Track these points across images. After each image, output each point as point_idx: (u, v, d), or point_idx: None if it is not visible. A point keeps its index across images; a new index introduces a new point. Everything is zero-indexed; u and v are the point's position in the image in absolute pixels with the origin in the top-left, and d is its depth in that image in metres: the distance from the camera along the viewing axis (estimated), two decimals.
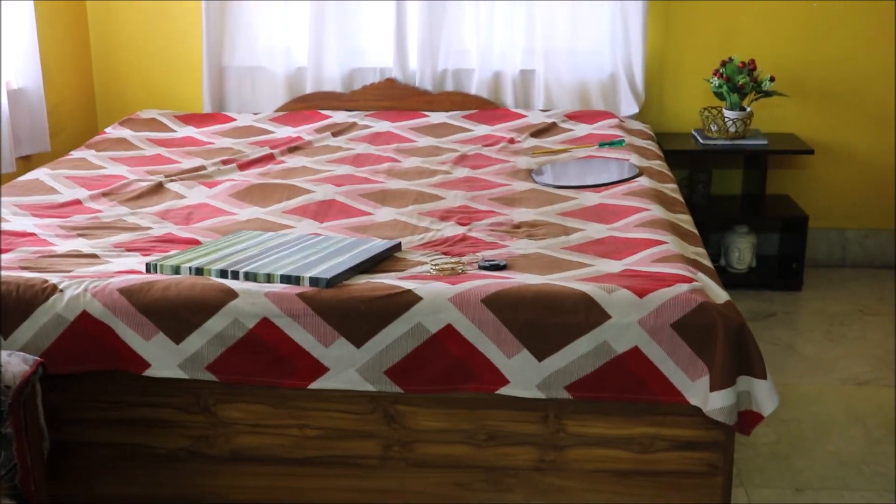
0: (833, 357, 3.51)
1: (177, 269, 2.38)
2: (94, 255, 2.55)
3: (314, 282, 2.27)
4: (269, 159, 3.56)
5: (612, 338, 2.18)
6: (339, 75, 4.32)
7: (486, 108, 4.21)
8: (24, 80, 3.85)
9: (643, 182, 3.13)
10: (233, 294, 2.25)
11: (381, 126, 3.99)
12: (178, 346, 2.25)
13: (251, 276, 2.33)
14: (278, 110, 4.28)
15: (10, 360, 2.03)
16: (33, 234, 2.72)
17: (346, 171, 3.35)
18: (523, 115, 4.08)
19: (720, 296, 2.25)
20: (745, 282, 4.16)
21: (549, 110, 4.17)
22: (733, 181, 4.41)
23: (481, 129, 3.94)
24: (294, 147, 3.71)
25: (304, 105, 4.28)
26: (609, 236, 2.65)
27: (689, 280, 2.27)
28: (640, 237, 2.61)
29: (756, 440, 2.91)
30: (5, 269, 2.41)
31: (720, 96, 4.07)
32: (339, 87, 4.32)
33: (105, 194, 3.10)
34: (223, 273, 2.34)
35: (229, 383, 2.28)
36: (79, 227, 2.79)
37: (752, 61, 4.01)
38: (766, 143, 4.06)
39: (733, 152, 4.08)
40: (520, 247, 2.58)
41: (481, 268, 2.42)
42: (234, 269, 2.34)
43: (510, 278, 2.31)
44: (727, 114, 4.05)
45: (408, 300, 2.22)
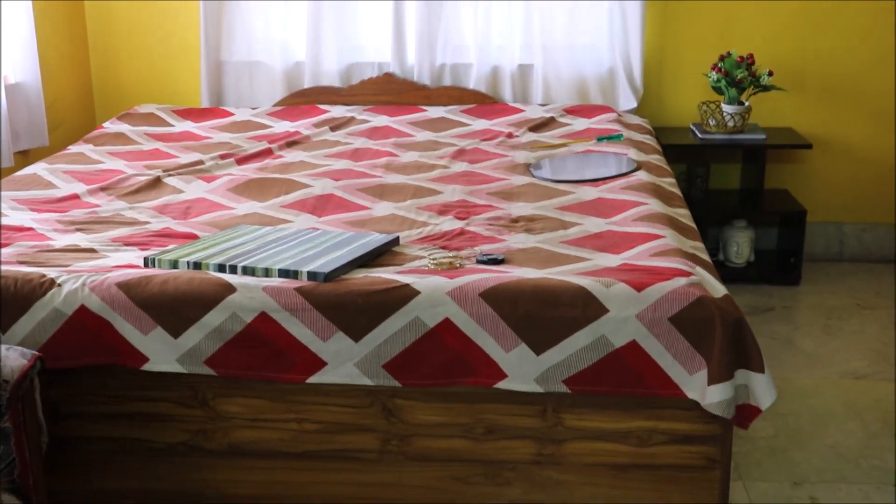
0: (831, 351, 3.51)
1: (175, 264, 2.38)
2: (92, 250, 2.55)
3: (312, 276, 2.28)
4: (267, 154, 3.55)
5: (610, 332, 2.18)
6: (337, 70, 4.32)
7: (484, 102, 4.21)
8: (22, 75, 3.85)
9: (641, 176, 3.13)
10: (231, 288, 2.25)
11: (380, 120, 3.99)
12: (177, 340, 2.25)
13: (249, 271, 2.33)
14: (276, 105, 4.28)
15: (9, 354, 2.03)
16: (31, 229, 2.72)
17: (345, 166, 3.35)
18: (521, 110, 4.08)
19: (718, 290, 2.26)
20: (743, 276, 4.16)
21: (547, 105, 4.17)
22: (731, 175, 4.41)
23: (479, 124, 3.93)
24: (292, 141, 3.71)
25: (303, 100, 4.27)
26: (607, 230, 2.65)
27: (687, 274, 2.27)
28: (638, 231, 2.61)
29: (754, 434, 2.92)
30: (3, 263, 2.41)
31: (718, 91, 4.07)
32: (337, 82, 4.32)
33: (103, 189, 3.10)
34: (221, 267, 2.35)
35: (227, 377, 2.29)
36: (77, 222, 2.79)
37: (751, 56, 4.01)
38: (764, 137, 4.06)
39: (731, 147, 4.08)
40: (518, 241, 2.58)
41: (479, 262, 2.42)
42: (232, 263, 2.35)
43: (508, 272, 2.31)
44: (725, 108, 4.05)
45: (406, 294, 2.22)
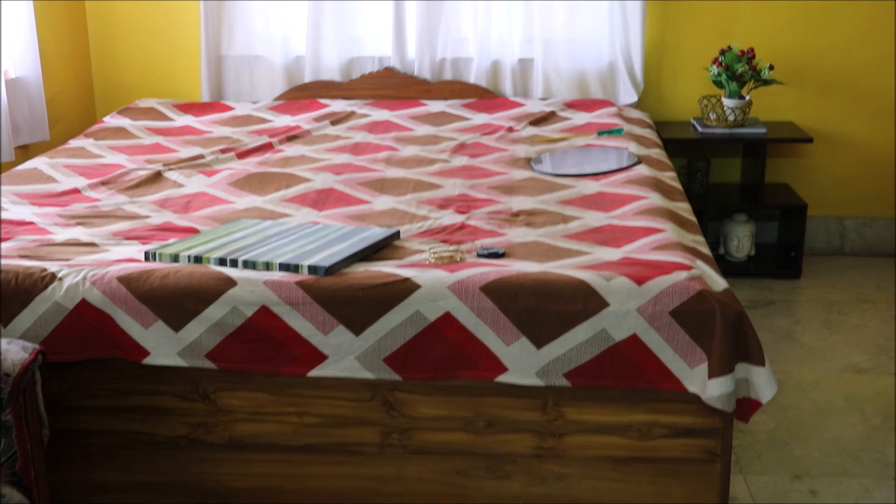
0: (831, 345, 3.52)
1: (176, 258, 2.38)
2: (92, 244, 2.55)
3: (313, 270, 2.28)
4: (267, 148, 3.55)
5: (610, 325, 2.18)
6: (338, 64, 4.32)
7: (484, 96, 4.21)
8: (22, 70, 3.85)
9: (642, 170, 3.13)
10: (232, 282, 2.25)
11: (380, 115, 3.99)
12: (177, 334, 2.26)
13: (250, 265, 2.33)
14: (277, 99, 4.28)
15: (10, 347, 2.03)
16: (32, 223, 2.72)
17: (345, 160, 3.35)
18: (522, 104, 4.08)
19: (719, 283, 2.26)
20: (744, 270, 4.16)
21: (547, 99, 4.17)
22: (732, 170, 4.41)
23: (480, 118, 3.93)
24: (293, 136, 3.71)
25: (303, 94, 4.27)
26: (608, 224, 2.65)
27: (687, 268, 2.27)
28: (638, 225, 2.61)
29: (754, 427, 2.92)
30: (4, 257, 2.41)
31: (719, 85, 4.06)
32: (337, 76, 4.32)
33: (104, 183, 3.10)
34: (222, 261, 2.35)
35: (228, 371, 2.29)
36: (77, 216, 2.79)
37: (751, 49, 4.01)
38: (764, 131, 4.06)
39: (732, 141, 4.08)
40: (518, 235, 2.58)
41: (480, 256, 2.42)
42: (232, 257, 2.35)
43: (509, 266, 2.31)
44: (726, 102, 4.05)
45: (407, 288, 2.22)
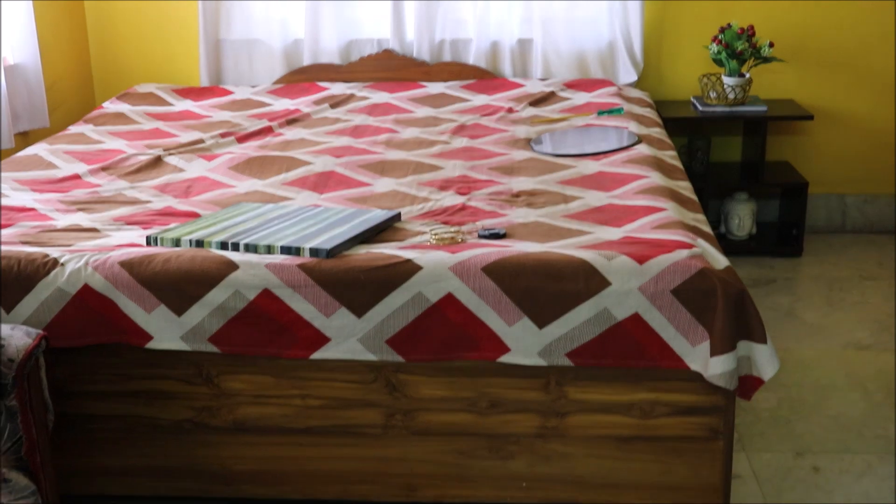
0: (833, 322, 3.52)
1: (177, 242, 2.38)
2: (94, 229, 2.56)
3: (314, 252, 2.28)
4: (267, 132, 3.55)
5: (612, 304, 2.19)
6: (337, 47, 4.31)
7: (484, 77, 4.20)
8: (21, 56, 3.84)
9: (642, 150, 3.12)
10: (233, 266, 2.25)
11: (380, 97, 3.98)
12: (180, 318, 2.26)
13: (251, 248, 2.33)
14: (276, 83, 4.27)
15: (13, 333, 2.03)
16: (33, 209, 2.72)
17: (345, 143, 3.35)
18: (521, 85, 4.07)
19: (720, 261, 2.26)
20: (745, 248, 4.16)
21: (547, 79, 4.16)
22: (733, 148, 4.40)
23: (479, 99, 3.93)
24: (292, 119, 3.71)
25: (302, 77, 4.26)
26: (608, 204, 2.65)
27: (688, 246, 2.27)
28: (639, 204, 2.61)
29: (756, 405, 2.93)
30: (6, 244, 2.41)
31: (719, 63, 4.05)
32: (336, 59, 4.31)
33: (104, 168, 3.10)
34: (223, 245, 2.35)
35: (231, 354, 2.30)
36: (78, 202, 2.79)
37: (751, 27, 3.99)
38: (765, 109, 4.05)
39: (732, 119, 4.07)
40: (519, 215, 2.58)
41: (481, 237, 2.42)
42: (234, 241, 2.35)
43: (510, 247, 2.31)
44: (726, 80, 4.04)
45: (408, 270, 2.22)
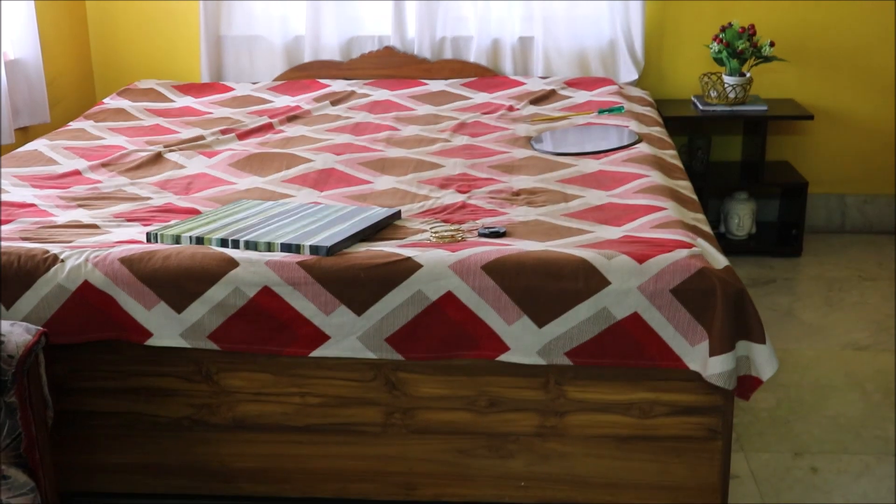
0: (832, 322, 3.52)
1: (177, 239, 2.38)
2: (94, 226, 2.56)
3: (314, 250, 2.28)
4: (268, 128, 3.55)
5: (611, 304, 2.19)
6: (338, 44, 4.30)
7: (484, 75, 4.20)
8: (22, 51, 3.83)
9: (642, 148, 3.12)
10: (233, 263, 2.25)
11: (380, 94, 3.98)
12: (180, 315, 2.26)
13: (252, 245, 2.33)
14: (277, 79, 4.27)
15: (13, 329, 2.03)
16: (33, 205, 2.72)
17: (346, 140, 3.35)
18: (522, 83, 4.07)
19: (719, 261, 2.26)
20: (744, 248, 4.16)
21: (548, 77, 4.16)
22: (733, 147, 4.40)
23: (480, 97, 3.93)
24: (293, 116, 3.70)
25: (303, 74, 4.26)
26: (608, 203, 2.65)
27: (688, 246, 2.27)
28: (639, 203, 2.61)
29: (755, 405, 2.93)
30: (6, 239, 2.41)
31: (720, 62, 4.05)
32: (337, 56, 4.31)
33: (104, 165, 3.10)
34: (224, 242, 2.35)
35: (231, 352, 2.30)
36: (79, 198, 2.79)
37: (752, 26, 3.99)
38: (765, 108, 4.05)
39: (733, 118, 4.07)
40: (519, 214, 2.58)
41: (481, 235, 2.42)
42: (234, 238, 2.35)
43: (510, 245, 2.31)
44: (727, 79, 4.04)
45: (408, 268, 2.22)
